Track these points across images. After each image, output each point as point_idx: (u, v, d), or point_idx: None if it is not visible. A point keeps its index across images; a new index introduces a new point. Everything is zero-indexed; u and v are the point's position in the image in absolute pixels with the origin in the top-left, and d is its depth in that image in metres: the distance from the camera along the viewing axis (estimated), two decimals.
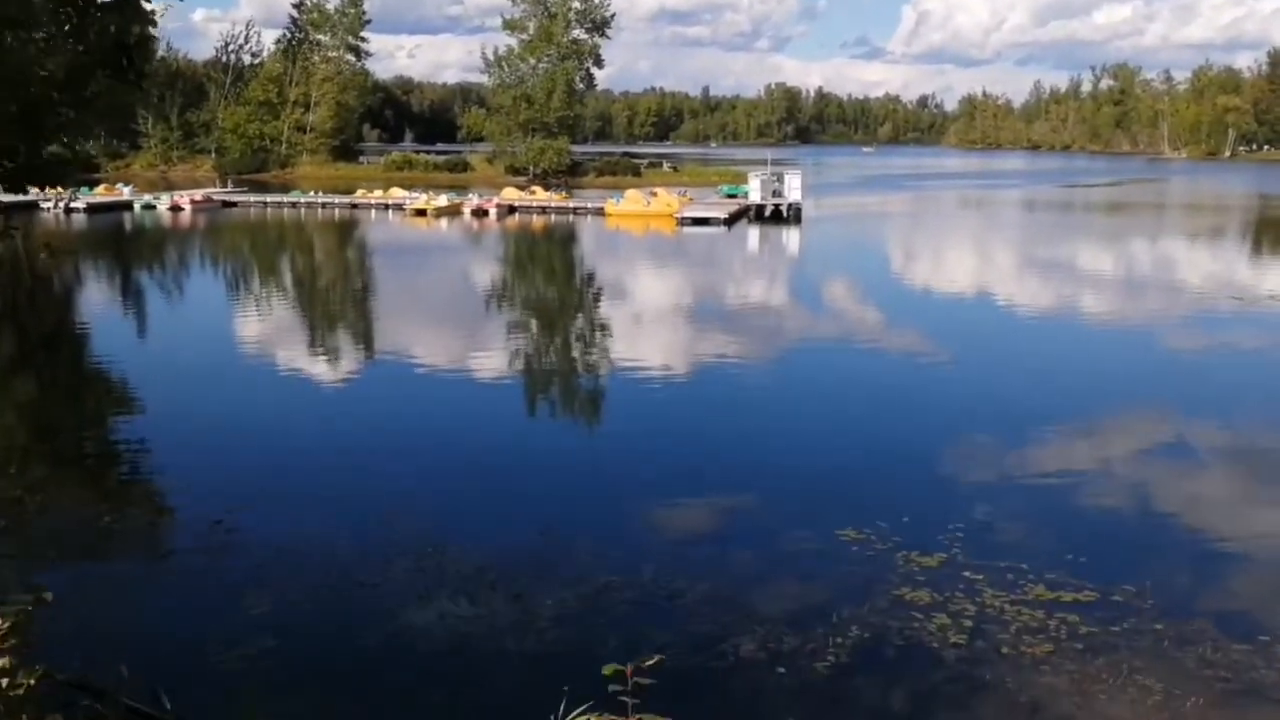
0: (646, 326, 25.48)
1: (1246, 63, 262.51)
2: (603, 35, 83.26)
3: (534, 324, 26.82)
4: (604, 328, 25.75)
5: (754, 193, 52.45)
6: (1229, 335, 23.71)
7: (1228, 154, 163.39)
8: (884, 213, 64.64)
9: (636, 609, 9.65)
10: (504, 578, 10.10)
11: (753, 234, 48.53)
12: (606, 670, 3.84)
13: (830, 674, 8.42)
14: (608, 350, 22.72)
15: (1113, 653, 8.67)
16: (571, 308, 30.05)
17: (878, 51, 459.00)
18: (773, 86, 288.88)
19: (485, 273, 36.50)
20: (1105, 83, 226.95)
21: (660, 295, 30.19)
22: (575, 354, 23.09)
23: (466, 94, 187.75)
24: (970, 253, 42.76)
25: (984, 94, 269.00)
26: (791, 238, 47.04)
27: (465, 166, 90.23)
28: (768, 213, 51.78)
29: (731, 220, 50.21)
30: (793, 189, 51.30)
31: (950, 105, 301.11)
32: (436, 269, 37.71)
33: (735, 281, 33.65)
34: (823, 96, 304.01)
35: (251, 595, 9.64)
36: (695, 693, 7.84)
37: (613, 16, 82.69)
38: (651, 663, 3.87)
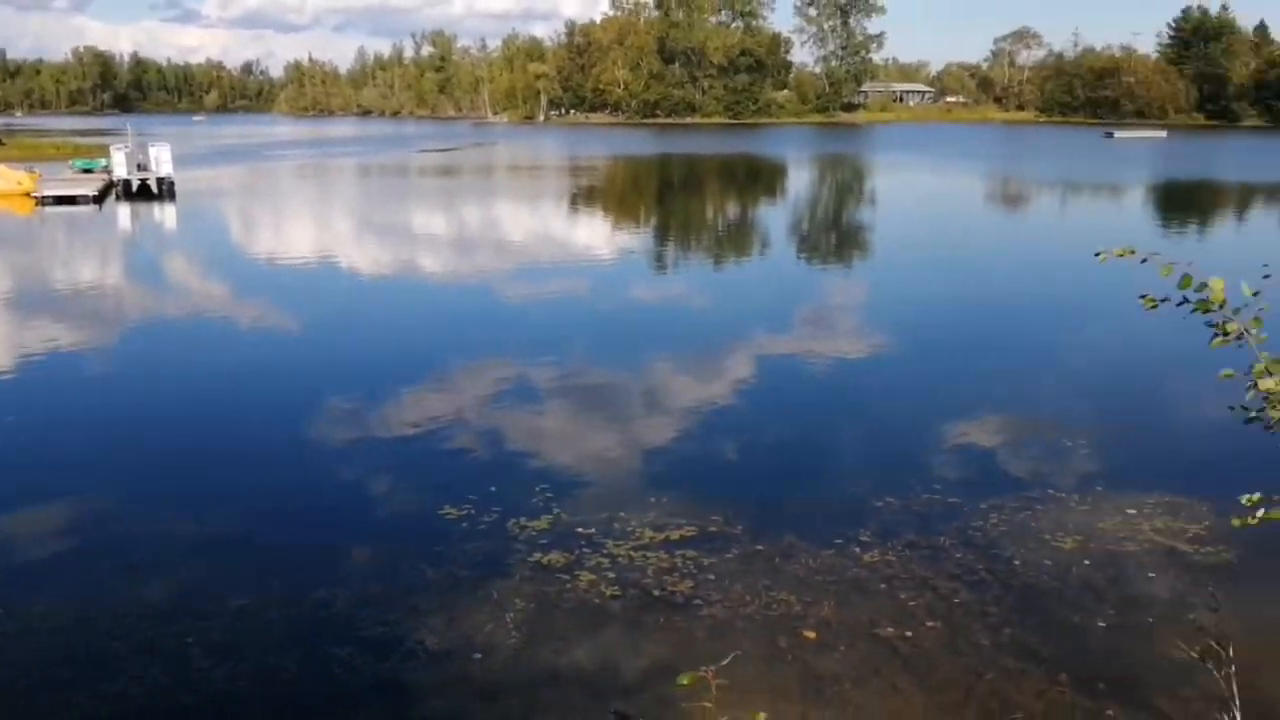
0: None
1: (544, 32, 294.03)
2: None
3: None
4: None
5: (118, 167, 46.86)
6: (557, 285, 26.22)
7: (541, 118, 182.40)
8: (256, 185, 61.70)
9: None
10: None
11: (124, 212, 43.58)
12: (684, 679, 3.43)
13: (515, 654, 8.14)
14: None
15: (741, 577, 9.52)
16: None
17: (191, 15, 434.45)
18: (81, 50, 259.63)
19: None
20: (426, 49, 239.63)
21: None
22: None
23: None
24: (343, 221, 42.19)
25: (310, 60, 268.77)
26: (169, 214, 43.07)
27: None
28: (135, 188, 46.93)
29: (101, 197, 45.03)
30: (162, 162, 46.95)
31: (276, 72, 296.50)
32: None
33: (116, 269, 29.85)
34: (139, 62, 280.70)
35: None
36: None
37: None
38: (727, 663, 3.49)
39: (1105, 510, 10.90)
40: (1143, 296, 4.10)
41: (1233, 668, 5.70)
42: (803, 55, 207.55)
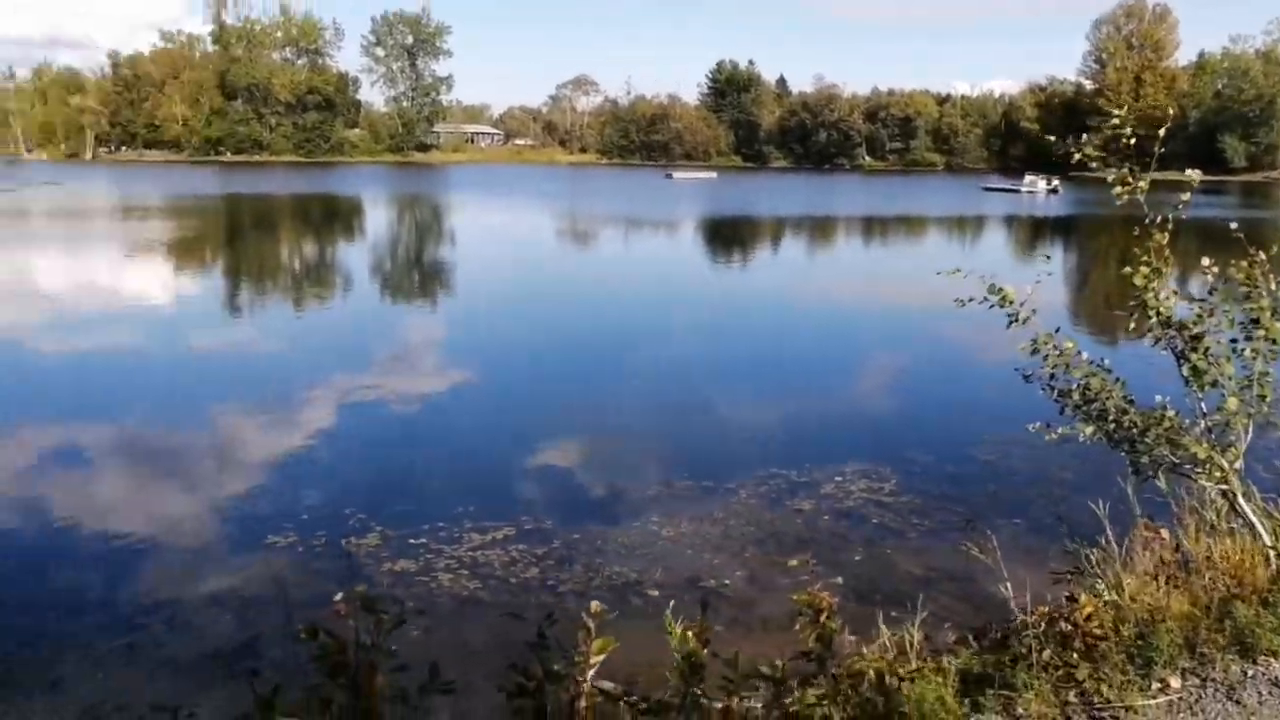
0: None
1: (79, 61, 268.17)
2: None
3: None
4: None
5: None
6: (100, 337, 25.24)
7: (89, 156, 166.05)
8: None
9: None
10: None
11: None
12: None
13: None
14: None
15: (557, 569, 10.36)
16: None
17: None
18: None
19: None
20: None
21: None
22: None
23: None
24: None
25: None
26: None
27: None
28: None
29: None
30: None
31: None
32: None
33: None
34: None
35: None
36: None
37: None
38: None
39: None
40: (956, 299, 7.05)
41: None
42: (373, 95, 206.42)
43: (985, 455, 14.57)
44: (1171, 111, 10.35)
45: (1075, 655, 5.57)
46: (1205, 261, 6.69)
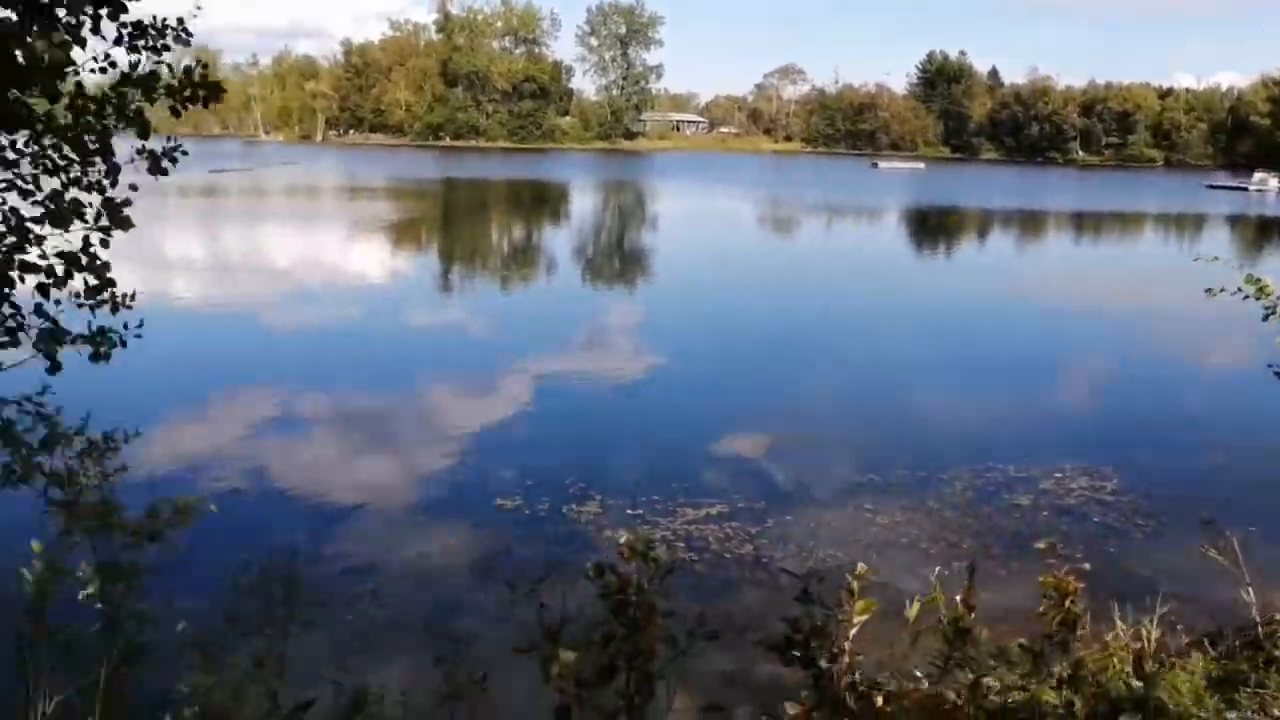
0: None
1: (315, 49, 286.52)
2: None
3: None
4: None
5: None
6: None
7: (319, 138, 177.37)
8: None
9: None
10: None
11: None
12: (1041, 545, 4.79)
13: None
14: None
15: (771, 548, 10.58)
16: None
17: None
18: None
19: None
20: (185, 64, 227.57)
21: None
22: None
23: None
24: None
25: None
26: None
27: None
28: None
29: None
30: None
31: None
32: None
33: None
34: None
35: None
36: None
37: None
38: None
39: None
40: (1207, 290, 6.62)
41: None
42: (584, 84, 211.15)
43: (1215, 458, 13.79)
44: None
45: None
46: None
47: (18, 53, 5.60)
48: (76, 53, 6.08)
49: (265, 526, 11.09)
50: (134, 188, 6.34)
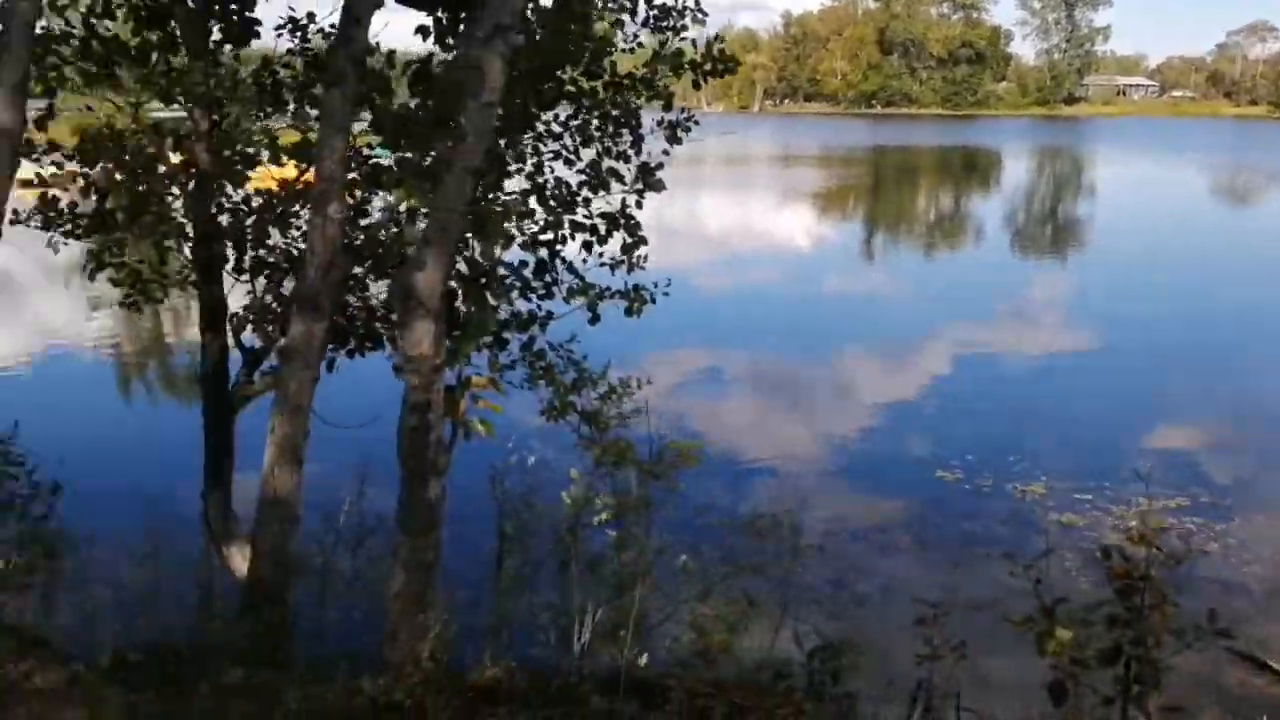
0: None
1: (755, 22, 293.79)
2: None
3: None
4: None
5: None
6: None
7: (756, 108, 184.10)
8: None
9: None
10: None
11: None
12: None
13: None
14: None
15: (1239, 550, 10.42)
16: None
17: None
18: None
19: None
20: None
21: None
22: None
23: None
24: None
25: None
26: None
27: None
28: None
29: None
30: None
31: None
32: None
33: None
34: None
35: None
36: None
37: None
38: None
39: None
40: None
41: None
42: (1023, 48, 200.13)
43: None
44: None
45: None
46: None
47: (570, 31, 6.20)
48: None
49: (731, 479, 12.00)
50: (666, 153, 7.04)
